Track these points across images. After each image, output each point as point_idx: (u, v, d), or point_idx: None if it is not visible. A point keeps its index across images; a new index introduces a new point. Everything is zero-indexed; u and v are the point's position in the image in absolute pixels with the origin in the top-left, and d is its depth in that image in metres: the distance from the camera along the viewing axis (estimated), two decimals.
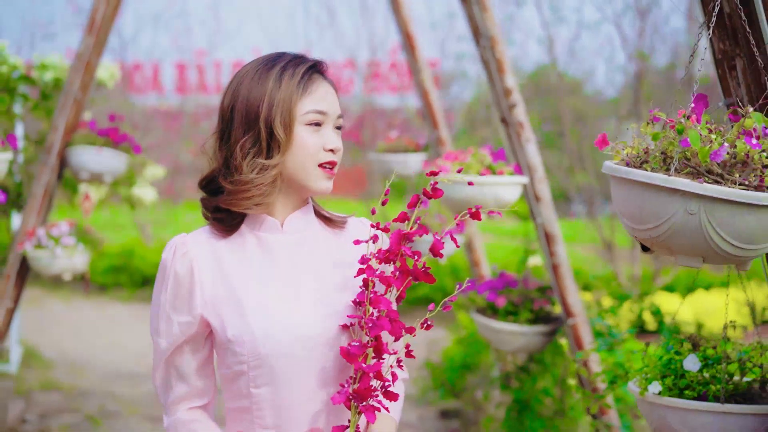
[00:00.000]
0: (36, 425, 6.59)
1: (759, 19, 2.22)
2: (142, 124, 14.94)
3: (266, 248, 2.31)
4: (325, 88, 2.29)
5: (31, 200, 5.86)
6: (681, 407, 2.49)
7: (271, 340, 2.22)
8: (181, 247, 2.31)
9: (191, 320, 2.29)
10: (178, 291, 2.30)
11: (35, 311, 10.76)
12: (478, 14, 4.50)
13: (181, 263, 2.29)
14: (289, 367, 2.24)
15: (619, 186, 2.15)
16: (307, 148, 2.23)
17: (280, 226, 2.32)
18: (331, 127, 2.28)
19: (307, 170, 2.25)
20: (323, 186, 2.27)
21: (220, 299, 2.27)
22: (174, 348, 2.32)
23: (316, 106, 2.24)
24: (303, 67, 2.27)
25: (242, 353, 2.24)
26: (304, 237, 2.34)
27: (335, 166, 2.28)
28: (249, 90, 2.24)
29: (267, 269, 2.30)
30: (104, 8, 5.77)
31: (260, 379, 2.26)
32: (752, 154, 2.04)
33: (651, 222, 2.08)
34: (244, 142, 2.22)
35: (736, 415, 2.45)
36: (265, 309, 2.25)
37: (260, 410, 2.27)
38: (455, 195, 4.32)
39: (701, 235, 2.02)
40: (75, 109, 5.83)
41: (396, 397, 2.21)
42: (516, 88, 4.51)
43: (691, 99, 2.16)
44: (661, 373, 2.61)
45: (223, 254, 2.30)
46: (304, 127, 2.23)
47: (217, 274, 2.29)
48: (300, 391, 2.25)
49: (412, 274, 2.18)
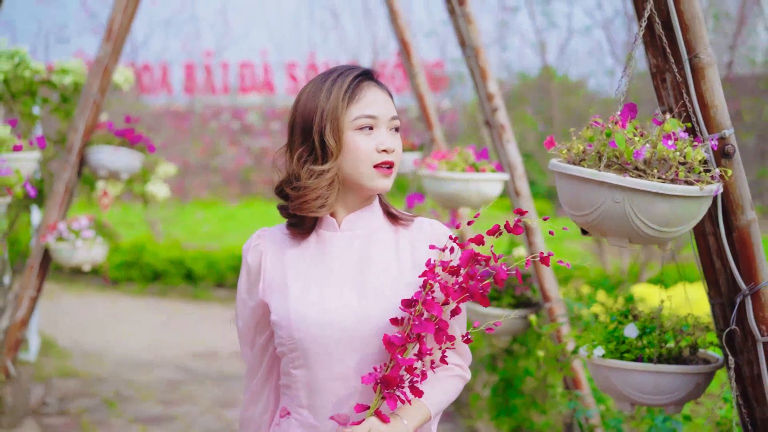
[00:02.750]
0: (56, 408, 6.99)
1: (678, 42, 2.65)
2: (151, 124, 15.27)
3: (322, 243, 2.45)
4: (374, 93, 2.40)
5: (53, 196, 6.25)
6: (621, 368, 2.93)
7: (303, 325, 2.37)
8: (255, 240, 2.53)
9: (257, 304, 2.50)
10: (249, 278, 2.52)
11: (52, 304, 11.08)
12: (464, 26, 4.93)
13: (253, 255, 2.51)
14: (322, 352, 2.38)
15: (561, 180, 2.59)
16: (360, 151, 2.36)
17: (338, 225, 2.45)
18: (385, 129, 2.40)
19: (362, 172, 2.37)
20: (381, 184, 2.39)
21: (275, 285, 2.46)
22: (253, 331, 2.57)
23: (364, 111, 2.37)
24: (350, 77, 2.39)
25: (281, 335, 2.42)
26: (361, 234, 2.46)
27: (392, 165, 2.39)
28: (305, 105, 2.39)
29: (318, 262, 2.44)
30: (121, 17, 6.17)
31: (297, 360, 2.42)
32: (668, 153, 2.47)
33: (586, 209, 2.51)
34: (302, 152, 2.38)
35: (667, 374, 2.88)
36: (304, 296, 2.41)
37: (297, 390, 2.44)
38: (443, 190, 4.76)
39: (626, 219, 2.46)
40: (94, 110, 6.20)
41: (420, 394, 2.29)
42: (498, 94, 4.95)
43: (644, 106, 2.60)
44: (606, 339, 3.04)
45: (288, 247, 2.48)
46: (355, 132, 2.36)
47: (277, 264, 2.47)
48: (332, 376, 2.38)
49: (470, 292, 2.25)
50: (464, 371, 2.57)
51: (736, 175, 2.68)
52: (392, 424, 2.31)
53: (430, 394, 2.44)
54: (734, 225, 2.72)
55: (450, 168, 4.74)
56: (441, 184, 4.73)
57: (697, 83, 2.65)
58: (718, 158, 2.67)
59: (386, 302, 2.37)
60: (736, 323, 2.80)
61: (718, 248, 2.84)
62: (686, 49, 2.65)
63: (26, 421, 6.53)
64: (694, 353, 3.06)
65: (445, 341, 2.27)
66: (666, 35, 2.66)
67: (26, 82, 6.58)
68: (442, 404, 2.48)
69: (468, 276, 2.26)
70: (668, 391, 2.88)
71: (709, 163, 2.62)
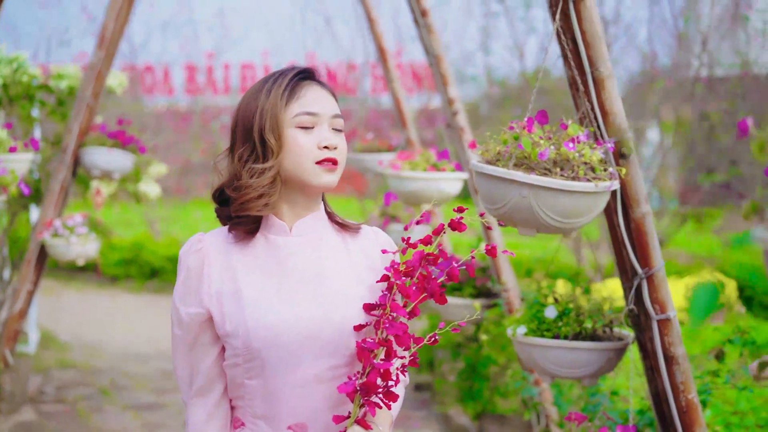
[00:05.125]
0: (53, 396, 7.34)
1: (582, 57, 3.02)
2: (153, 125, 15.55)
3: (273, 249, 2.39)
4: (314, 92, 2.39)
5: (49, 195, 6.58)
6: (540, 344, 3.29)
7: (262, 333, 2.30)
8: (196, 244, 2.43)
9: (201, 311, 2.39)
10: (188, 283, 2.42)
11: (52, 300, 11.40)
12: (426, 36, 5.30)
13: (194, 258, 2.41)
14: (281, 360, 2.32)
15: (479, 177, 2.95)
16: (301, 148, 2.33)
17: (288, 230, 2.41)
18: (327, 126, 2.37)
19: (304, 168, 2.34)
20: (324, 181, 2.36)
21: (225, 294, 2.37)
22: (190, 339, 2.44)
23: (304, 108, 2.35)
24: (289, 76, 2.38)
25: (237, 346, 2.34)
26: (312, 240, 2.42)
27: (335, 162, 2.36)
28: (246, 106, 2.38)
29: (271, 268, 2.38)
30: (113, 25, 6.49)
31: (254, 370, 2.35)
32: (570, 154, 2.83)
33: (498, 203, 2.88)
34: (243, 152, 2.36)
35: (581, 350, 3.24)
36: (261, 304, 2.33)
37: (251, 400, 2.38)
38: (405, 188, 5.13)
39: (532, 212, 2.82)
40: (88, 113, 6.50)
41: (396, 398, 2.28)
42: (458, 98, 5.31)
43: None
44: (529, 320, 3.40)
45: (234, 253, 2.40)
46: (296, 129, 2.34)
47: (226, 271, 2.38)
48: (291, 383, 2.33)
49: (428, 291, 2.26)
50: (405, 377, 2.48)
51: (632, 173, 3.04)
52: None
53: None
54: (631, 217, 3.09)
55: (412, 167, 5.10)
56: (404, 183, 5.09)
57: (598, 93, 3.02)
58: (618, 159, 3.03)
59: (347, 308, 2.35)
60: (635, 303, 3.17)
61: (622, 238, 3.20)
62: (589, 63, 3.01)
63: (24, 408, 6.87)
64: (611, 332, 3.42)
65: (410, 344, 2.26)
66: (573, 50, 3.03)
67: (24, 86, 6.92)
68: (398, 408, 2.46)
69: (423, 276, 2.26)
70: (582, 365, 3.25)
71: (609, 163, 2.98)
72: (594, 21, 2.97)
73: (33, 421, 6.65)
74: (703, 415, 3.11)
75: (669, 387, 3.07)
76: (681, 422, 3.05)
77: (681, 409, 3.05)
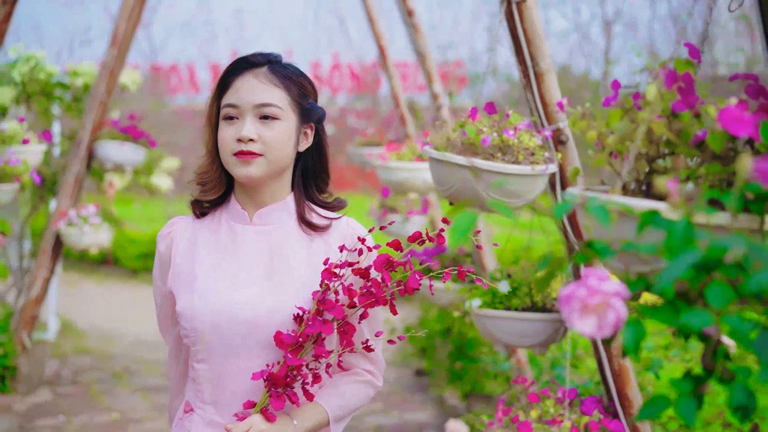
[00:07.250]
0: (69, 379, 7.71)
1: (524, 53, 3.32)
2: (172, 122, 15.92)
3: (234, 236, 2.42)
4: (243, 81, 2.36)
5: (64, 187, 6.93)
6: (493, 315, 3.59)
7: (208, 316, 2.32)
8: (167, 228, 2.49)
9: (166, 290, 2.46)
10: (161, 266, 2.49)
11: (72, 291, 11.76)
12: (412, 35, 5.62)
13: (165, 243, 2.47)
14: (225, 346, 2.32)
15: (431, 162, 3.25)
16: (222, 140, 2.35)
17: (249, 218, 2.43)
18: (250, 117, 2.33)
19: (226, 161, 2.36)
20: (238, 172, 2.35)
21: (182, 275, 2.41)
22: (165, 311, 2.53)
23: (227, 100, 2.36)
24: (228, 68, 2.42)
25: (185, 327, 2.37)
26: (272, 230, 2.42)
27: (250, 154, 2.32)
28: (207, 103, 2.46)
29: (227, 254, 2.40)
30: (125, 25, 6.82)
31: (200, 354, 2.37)
32: (509, 141, 3.14)
33: (446, 185, 3.18)
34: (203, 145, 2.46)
35: (529, 321, 3.53)
36: (211, 288, 2.35)
37: (201, 384, 2.39)
38: (392, 178, 5.44)
39: (475, 193, 3.13)
40: (101, 109, 6.85)
41: (311, 397, 2.27)
42: (442, 93, 5.62)
43: None
44: (484, 294, 3.70)
45: (200, 237, 2.44)
46: (222, 122, 2.36)
47: (188, 254, 2.42)
48: (237, 371, 2.33)
49: (375, 297, 2.20)
50: (375, 378, 2.54)
51: (569, 157, 3.34)
52: (278, 424, 2.27)
53: (332, 398, 2.42)
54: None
55: (399, 158, 5.42)
56: (391, 173, 5.41)
57: (539, 86, 3.32)
58: (557, 145, 3.33)
59: (296, 299, 2.32)
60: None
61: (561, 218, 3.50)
62: (530, 59, 3.32)
63: (40, 389, 7.23)
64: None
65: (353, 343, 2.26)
66: (516, 48, 3.34)
67: (41, 83, 7.26)
68: (344, 409, 2.43)
69: (376, 282, 2.21)
70: (531, 334, 3.54)
71: (548, 149, 3.28)
72: (534, 21, 3.28)
73: (48, 401, 7.00)
74: (635, 377, 3.39)
75: (603, 352, 3.37)
76: (615, 384, 3.34)
77: (615, 372, 3.35)
